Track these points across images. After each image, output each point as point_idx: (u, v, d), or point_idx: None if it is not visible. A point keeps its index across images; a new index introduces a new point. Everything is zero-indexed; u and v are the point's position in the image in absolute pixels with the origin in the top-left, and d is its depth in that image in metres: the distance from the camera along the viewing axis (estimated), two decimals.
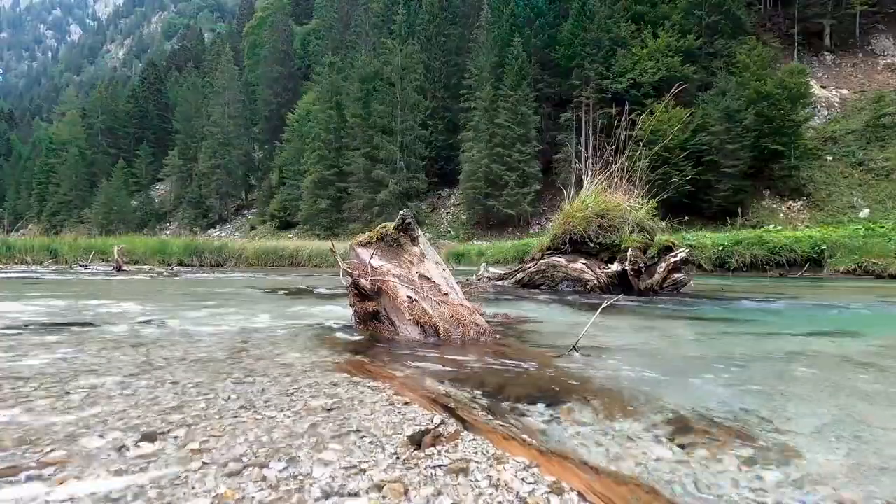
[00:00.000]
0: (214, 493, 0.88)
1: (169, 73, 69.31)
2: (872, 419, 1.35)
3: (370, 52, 44.34)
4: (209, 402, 1.39)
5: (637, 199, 5.97)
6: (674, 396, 1.53)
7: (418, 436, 1.15)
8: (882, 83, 30.94)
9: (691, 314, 4.02)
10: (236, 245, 19.12)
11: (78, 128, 61.86)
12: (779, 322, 3.77)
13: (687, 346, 2.59)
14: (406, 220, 2.80)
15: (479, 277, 6.94)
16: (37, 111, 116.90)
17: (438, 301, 2.55)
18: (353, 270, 2.65)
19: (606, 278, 5.54)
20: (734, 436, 1.20)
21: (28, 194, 61.29)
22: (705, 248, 13.74)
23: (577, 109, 33.80)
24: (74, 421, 1.21)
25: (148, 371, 1.75)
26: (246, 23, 76.02)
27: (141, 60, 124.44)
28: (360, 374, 1.76)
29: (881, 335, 3.07)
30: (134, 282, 8.03)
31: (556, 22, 36.12)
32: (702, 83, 29.17)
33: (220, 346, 2.30)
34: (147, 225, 49.79)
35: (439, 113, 39.71)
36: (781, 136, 26.54)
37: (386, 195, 34.46)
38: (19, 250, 15.04)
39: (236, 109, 50.65)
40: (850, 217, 23.41)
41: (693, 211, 26.37)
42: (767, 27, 36.78)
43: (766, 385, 1.71)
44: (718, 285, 8.00)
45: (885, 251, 12.07)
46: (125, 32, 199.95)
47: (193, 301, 4.71)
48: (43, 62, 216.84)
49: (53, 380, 1.61)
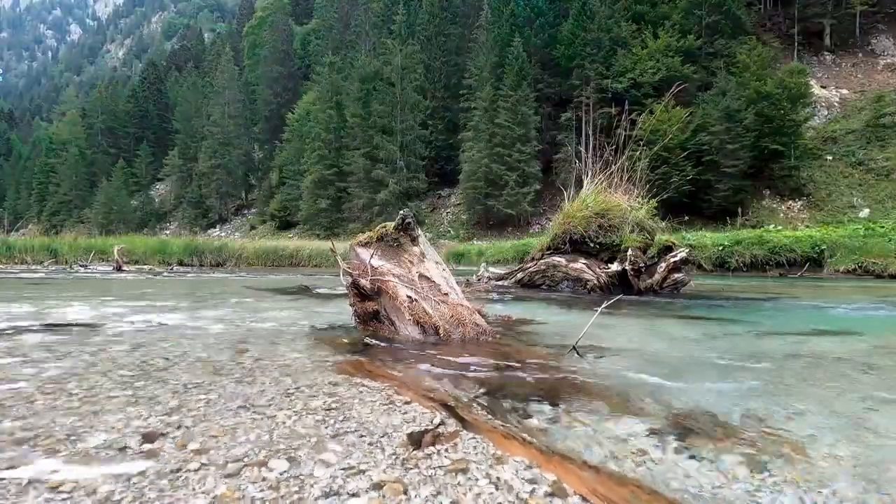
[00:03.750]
0: (214, 493, 0.88)
1: (169, 73, 69.27)
2: (873, 419, 1.35)
3: (370, 52, 44.31)
4: (209, 402, 1.39)
5: (637, 198, 5.96)
6: (674, 396, 1.53)
7: (418, 435, 1.15)
8: (882, 83, 30.92)
9: (691, 314, 4.02)
10: (236, 245, 19.09)
11: (78, 128, 61.80)
12: (779, 322, 3.76)
13: (687, 345, 2.59)
14: (406, 220, 2.80)
15: (479, 277, 6.94)
16: (37, 111, 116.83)
17: (438, 301, 2.55)
18: (353, 270, 2.65)
19: (606, 278, 5.54)
20: (735, 436, 1.20)
21: (28, 194, 61.27)
22: (705, 247, 13.73)
23: (577, 109, 33.78)
24: (75, 421, 1.21)
25: (148, 371, 1.75)
26: (246, 23, 75.97)
27: (141, 60, 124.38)
28: (359, 373, 1.76)
29: (881, 335, 3.07)
30: (134, 282, 8.03)
31: (556, 22, 36.10)
32: (702, 83, 29.16)
33: (220, 346, 2.30)
34: (147, 225, 49.78)
35: (439, 113, 39.68)
36: (781, 136, 26.52)
37: (386, 195, 34.45)
38: (19, 250, 15.04)
39: (236, 109, 50.63)
40: (850, 217, 23.39)
41: (693, 211, 26.36)
42: (767, 27, 36.75)
43: (766, 385, 1.70)
44: (718, 285, 8.00)
45: (885, 251, 12.06)
46: (125, 32, 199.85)
47: (193, 301, 4.71)
48: (43, 62, 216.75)
49: (54, 380, 1.61)
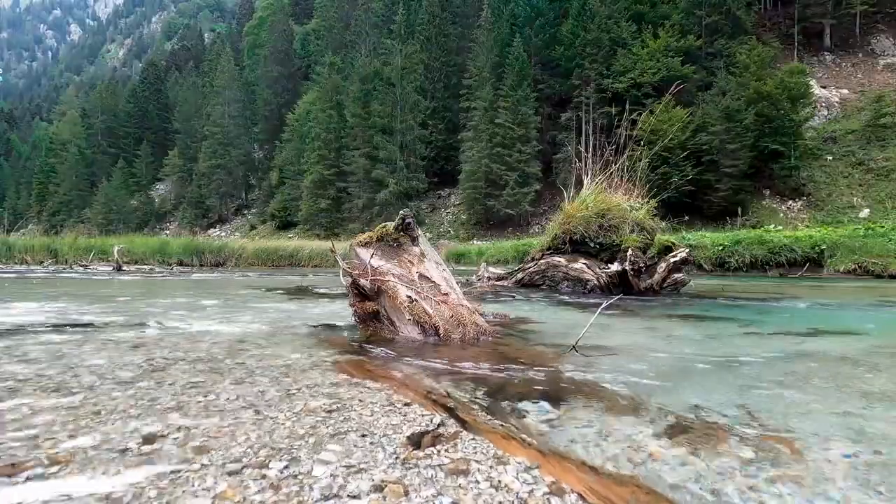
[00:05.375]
0: (214, 492, 0.88)
1: (169, 73, 69.21)
2: (874, 419, 1.35)
3: (370, 52, 44.27)
4: (209, 402, 1.39)
5: (637, 199, 5.96)
6: (674, 396, 1.53)
7: (418, 436, 1.15)
8: (882, 83, 30.90)
9: (691, 314, 4.02)
10: (236, 245, 19.09)
11: (78, 128, 61.75)
12: (779, 322, 3.76)
13: (687, 345, 2.59)
14: (406, 220, 2.80)
15: (479, 277, 6.94)
16: (37, 111, 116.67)
17: (438, 301, 2.55)
18: (353, 270, 2.65)
19: (606, 278, 5.54)
20: (735, 436, 1.20)
21: (28, 194, 61.25)
22: (705, 248, 13.73)
23: (577, 109, 33.77)
24: (75, 421, 1.21)
25: (148, 371, 1.75)
26: (246, 23, 75.97)
27: (141, 60, 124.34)
28: (359, 374, 1.76)
29: (881, 335, 3.07)
30: (134, 282, 8.03)
31: (556, 22, 36.09)
32: (702, 83, 29.15)
33: (220, 346, 2.30)
34: (147, 225, 49.78)
35: (439, 113, 39.66)
36: (781, 135, 26.51)
37: (386, 195, 34.44)
38: (19, 250, 15.06)
39: (236, 109, 50.61)
40: (850, 217, 23.38)
41: (693, 211, 26.34)
42: (767, 27, 36.71)
43: (766, 385, 1.71)
44: (718, 285, 8.00)
45: (885, 251, 12.07)
46: (125, 32, 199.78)
47: (193, 301, 4.71)
48: (43, 62, 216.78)
49: (54, 380, 1.61)
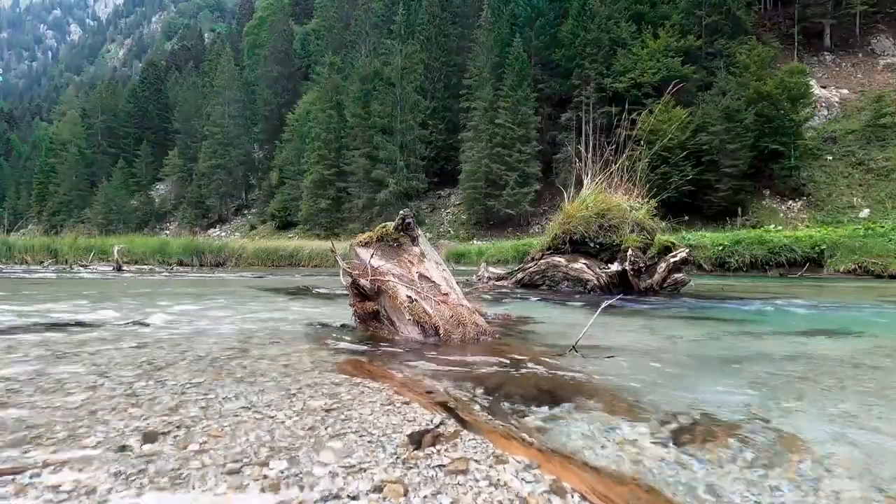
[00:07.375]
0: (214, 492, 0.88)
1: (169, 73, 69.24)
2: (874, 419, 1.35)
3: (370, 52, 44.30)
4: (209, 402, 1.39)
5: (637, 199, 5.96)
6: (674, 396, 1.53)
7: (418, 435, 1.15)
8: (882, 83, 30.90)
9: (691, 314, 4.02)
10: (236, 245, 19.10)
11: (78, 128, 61.81)
12: (779, 322, 3.76)
13: (687, 345, 2.59)
14: (406, 220, 2.80)
15: (479, 277, 6.94)
16: (37, 111, 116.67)
17: (438, 301, 2.55)
18: (353, 270, 2.65)
19: (606, 278, 5.54)
20: (735, 436, 1.20)
21: (28, 194, 61.30)
22: (705, 247, 13.74)
23: (577, 109, 33.79)
24: (75, 421, 1.21)
25: (148, 371, 1.75)
26: (246, 23, 75.99)
27: (141, 60, 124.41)
28: (359, 374, 1.76)
29: (881, 335, 3.07)
30: (134, 282, 8.03)
31: (556, 22, 36.12)
32: (702, 83, 29.17)
33: (220, 345, 2.30)
34: (147, 225, 49.82)
35: (439, 113, 39.68)
36: (781, 135, 26.53)
37: (386, 195, 34.47)
38: (19, 250, 15.06)
39: (236, 109, 50.64)
40: (850, 217, 23.40)
41: (693, 211, 26.36)
42: (767, 27, 36.73)
43: (766, 385, 1.71)
44: (718, 285, 8.00)
45: (885, 251, 12.08)
46: (125, 32, 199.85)
47: (193, 301, 4.70)
48: (43, 62, 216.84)
49: (54, 380, 1.61)
